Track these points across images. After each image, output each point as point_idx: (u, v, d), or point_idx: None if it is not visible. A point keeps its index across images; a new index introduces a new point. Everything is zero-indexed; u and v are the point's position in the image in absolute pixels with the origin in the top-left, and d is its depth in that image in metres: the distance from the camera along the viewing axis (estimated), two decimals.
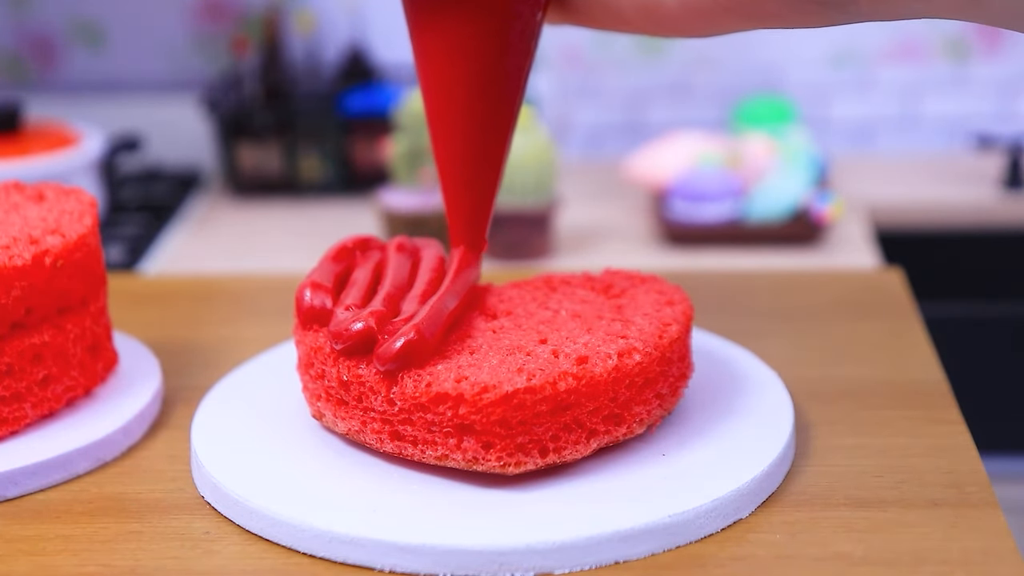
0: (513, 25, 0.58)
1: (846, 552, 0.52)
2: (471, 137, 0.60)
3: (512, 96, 0.60)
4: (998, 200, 1.76)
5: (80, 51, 1.98)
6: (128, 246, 1.63)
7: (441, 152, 0.60)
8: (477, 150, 0.60)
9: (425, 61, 0.60)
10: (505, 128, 0.60)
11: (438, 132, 0.60)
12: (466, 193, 0.61)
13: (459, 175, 0.61)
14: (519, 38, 0.58)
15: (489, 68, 0.58)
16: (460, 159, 0.60)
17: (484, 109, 0.59)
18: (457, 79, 0.59)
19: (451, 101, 0.59)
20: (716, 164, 1.65)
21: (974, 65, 1.94)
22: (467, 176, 0.60)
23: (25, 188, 0.68)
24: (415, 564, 0.51)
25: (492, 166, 0.61)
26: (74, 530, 0.55)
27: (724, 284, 0.82)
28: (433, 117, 0.60)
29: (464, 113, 0.59)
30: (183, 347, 0.73)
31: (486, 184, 0.61)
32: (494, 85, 0.59)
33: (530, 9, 0.58)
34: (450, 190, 0.61)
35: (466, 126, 0.59)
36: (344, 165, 1.80)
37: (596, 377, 0.55)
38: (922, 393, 0.65)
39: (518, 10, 0.58)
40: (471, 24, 0.58)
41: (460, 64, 0.58)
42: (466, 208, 0.61)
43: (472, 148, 0.60)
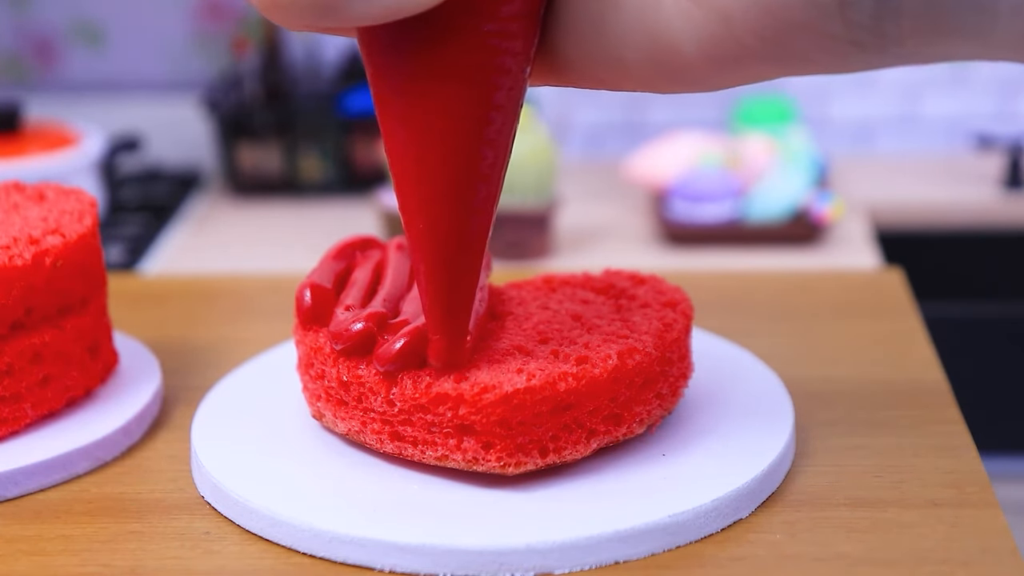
0: (501, 83, 0.48)
1: (846, 552, 0.52)
2: (454, 219, 0.50)
3: (499, 164, 0.50)
4: (998, 200, 1.76)
5: (80, 51, 1.98)
6: (128, 246, 1.63)
7: (419, 234, 0.51)
8: (460, 231, 0.51)
9: (398, 133, 0.49)
10: (490, 202, 0.51)
11: (415, 209, 0.51)
12: (448, 278, 0.52)
13: (441, 258, 0.51)
14: (507, 96, 0.49)
15: (475, 134, 0.49)
16: (442, 240, 0.51)
17: (469, 183, 0.50)
18: (438, 150, 0.49)
19: (431, 177, 0.49)
20: (716, 164, 1.65)
21: (974, 65, 1.94)
22: (449, 259, 0.51)
23: (25, 188, 0.68)
24: (415, 564, 0.51)
25: (476, 244, 0.52)
26: (74, 530, 0.55)
27: (724, 284, 0.82)
28: (407, 193, 0.50)
29: (446, 191, 0.50)
30: (183, 347, 0.73)
31: (470, 265, 0.52)
32: (480, 153, 0.49)
33: (518, 64, 0.49)
34: (429, 276, 0.52)
35: (449, 206, 0.50)
36: (344, 165, 1.81)
37: (596, 377, 0.55)
38: (922, 393, 0.65)
39: (506, 65, 0.48)
40: (454, 81, 0.48)
41: (441, 132, 0.48)
42: (446, 295, 0.52)
43: (455, 230, 0.50)
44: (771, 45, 0.43)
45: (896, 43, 0.42)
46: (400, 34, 0.47)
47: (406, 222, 0.51)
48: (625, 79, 0.47)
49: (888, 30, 0.41)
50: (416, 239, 0.51)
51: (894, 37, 0.42)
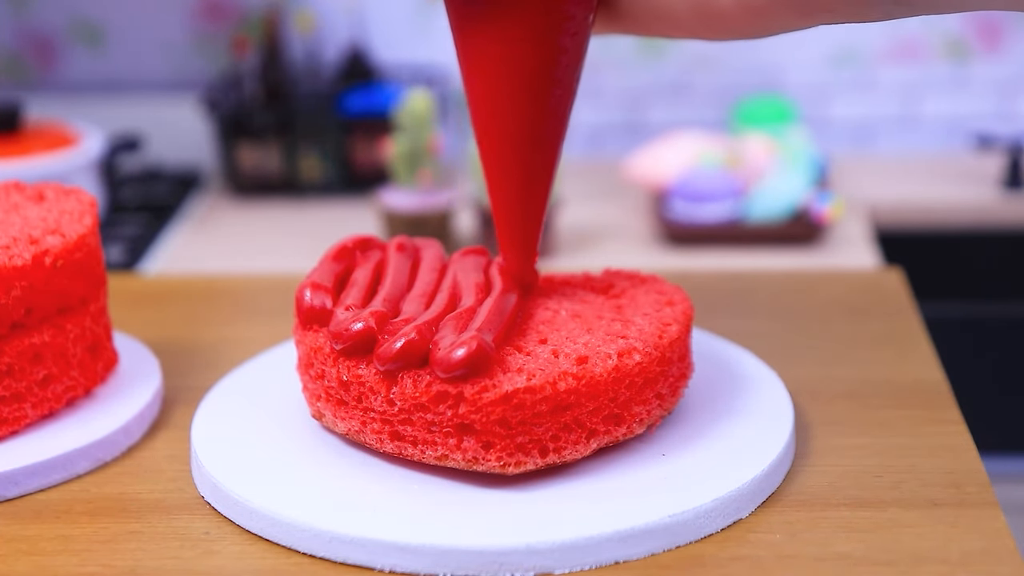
0: (566, 27, 0.55)
1: (846, 552, 0.52)
2: (524, 147, 0.57)
3: (565, 102, 0.57)
4: (998, 200, 1.76)
5: (80, 51, 1.98)
6: (128, 246, 1.63)
7: (491, 165, 0.58)
8: (529, 160, 0.58)
9: (474, 71, 0.56)
10: (558, 136, 0.58)
11: (489, 144, 0.58)
12: (518, 206, 0.59)
13: (511, 186, 0.58)
14: (572, 40, 0.55)
15: (542, 73, 0.56)
16: (512, 170, 0.58)
17: (537, 118, 0.57)
18: (509, 85, 0.56)
19: (503, 110, 0.57)
20: (716, 164, 1.65)
21: (974, 65, 1.94)
22: (520, 187, 0.58)
23: (25, 188, 0.68)
24: (415, 564, 0.51)
25: (544, 175, 0.58)
26: (74, 530, 0.55)
27: (724, 284, 0.82)
28: (482, 129, 0.58)
29: (517, 123, 0.57)
30: (183, 347, 0.73)
31: (538, 194, 0.59)
32: (547, 92, 0.56)
33: (582, 11, 0.55)
34: (501, 203, 0.59)
35: (519, 136, 0.57)
36: (344, 165, 1.80)
37: (596, 377, 0.55)
38: (922, 393, 0.65)
39: (570, 11, 0.55)
40: (523, 26, 0.55)
41: (512, 70, 0.55)
42: (518, 221, 0.59)
43: (525, 158, 0.57)
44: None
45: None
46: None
47: (484, 157, 0.58)
48: (673, 27, 0.55)
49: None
50: (491, 167, 0.58)
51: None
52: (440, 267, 0.64)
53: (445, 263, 0.64)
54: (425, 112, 1.55)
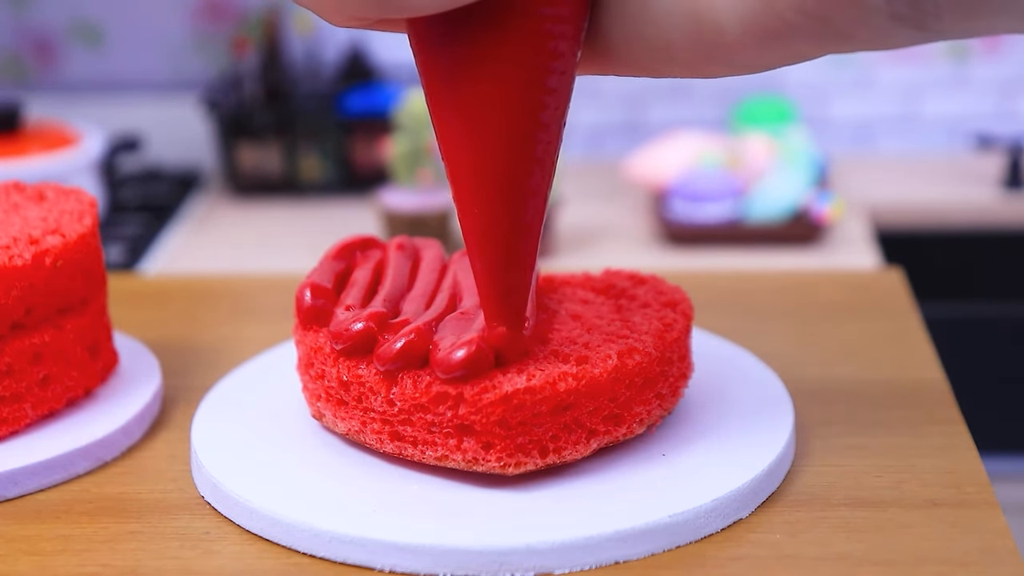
0: (554, 65, 0.49)
1: (846, 552, 0.52)
2: (509, 202, 0.51)
3: (553, 148, 0.51)
4: (998, 200, 1.76)
5: (80, 51, 1.98)
6: (128, 246, 1.63)
7: (472, 222, 0.52)
8: (516, 215, 0.51)
9: (453, 117, 0.50)
10: (545, 185, 0.51)
11: (469, 200, 0.51)
12: (503, 267, 0.52)
13: (496, 245, 0.52)
14: (559, 80, 0.49)
15: (530, 117, 0.49)
16: (497, 227, 0.51)
17: (524, 168, 0.50)
18: (492, 134, 0.49)
19: (485, 162, 0.50)
20: (716, 164, 1.65)
21: (974, 65, 1.94)
22: (505, 246, 0.52)
23: (25, 188, 0.68)
24: (415, 564, 0.51)
25: (532, 230, 0.52)
26: (74, 530, 0.55)
27: (724, 284, 0.82)
28: (461, 184, 0.51)
29: (501, 175, 0.50)
30: (183, 347, 0.73)
31: (525, 252, 0.52)
32: (534, 137, 0.50)
33: (570, 48, 0.49)
34: (485, 264, 0.52)
35: (504, 190, 0.50)
36: (344, 165, 1.81)
37: (596, 377, 0.55)
38: (922, 393, 0.65)
39: (559, 48, 0.48)
40: (508, 66, 0.48)
41: (495, 116, 0.49)
42: (503, 284, 0.53)
43: (511, 214, 0.51)
44: (813, 20, 0.44)
45: (935, 18, 0.42)
46: (453, 23, 0.48)
47: (461, 211, 0.52)
48: (671, 63, 0.48)
49: (926, 5, 0.42)
50: (471, 227, 0.52)
51: (932, 12, 0.42)
52: (440, 267, 0.64)
53: (445, 263, 0.64)
54: (425, 112, 1.55)
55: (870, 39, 0.44)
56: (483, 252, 0.52)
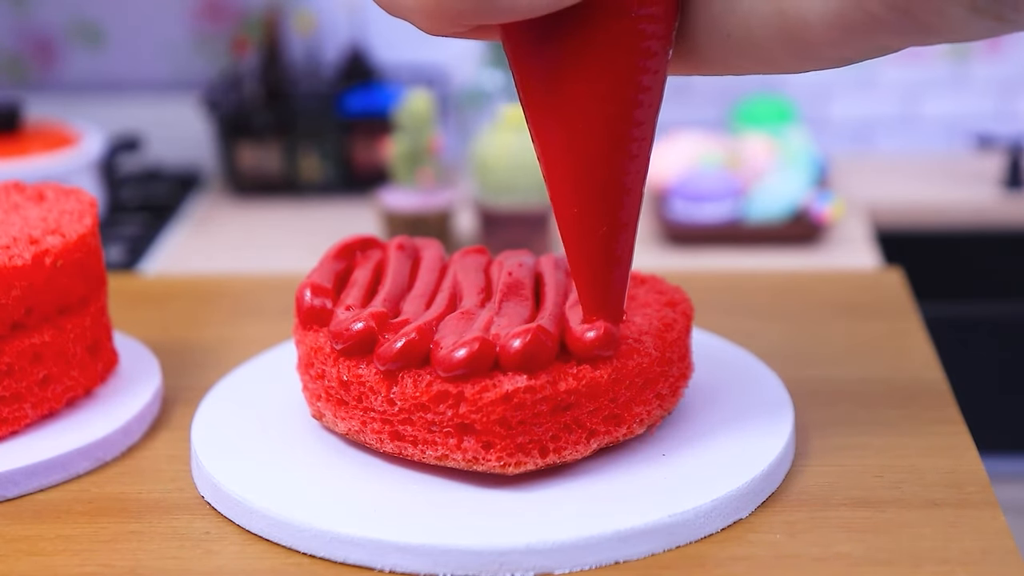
0: (648, 65, 0.50)
1: (846, 552, 0.52)
2: (607, 197, 0.52)
3: (647, 144, 0.52)
4: (998, 200, 1.76)
5: (80, 51, 1.98)
6: (128, 246, 1.63)
7: (571, 218, 0.53)
8: (613, 210, 0.52)
9: (549, 117, 0.51)
10: (640, 181, 0.52)
11: (566, 197, 0.52)
12: (602, 262, 0.53)
13: (594, 241, 0.53)
14: (652, 79, 0.51)
15: (623, 114, 0.51)
16: (595, 223, 0.52)
17: (620, 163, 0.51)
18: (588, 132, 0.51)
19: (582, 159, 0.51)
20: (716, 164, 1.65)
21: (974, 65, 1.94)
22: (604, 242, 0.53)
23: (25, 188, 0.68)
24: (415, 564, 0.51)
25: (629, 225, 0.53)
26: (74, 530, 0.55)
27: (724, 284, 0.82)
28: (559, 182, 0.52)
29: (598, 170, 0.51)
30: (183, 347, 0.73)
31: (623, 247, 0.53)
32: (629, 134, 0.51)
33: (662, 47, 0.50)
34: (583, 260, 0.53)
35: (601, 185, 0.51)
36: (344, 165, 1.81)
37: (596, 377, 0.55)
38: (922, 393, 0.65)
39: (652, 48, 0.50)
40: (603, 66, 0.50)
41: (591, 114, 0.50)
42: (602, 278, 0.54)
43: (608, 209, 0.52)
44: (896, 14, 0.45)
45: (1013, 8, 0.43)
46: (548, 26, 0.50)
47: (558, 211, 0.53)
48: (755, 60, 0.49)
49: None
50: (570, 226, 0.53)
51: (1011, 3, 0.43)
52: (440, 267, 0.64)
53: (445, 263, 0.64)
54: (425, 112, 1.55)
55: (950, 31, 0.45)
56: (582, 250, 0.53)
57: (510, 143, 1.53)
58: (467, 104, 1.82)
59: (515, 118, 1.54)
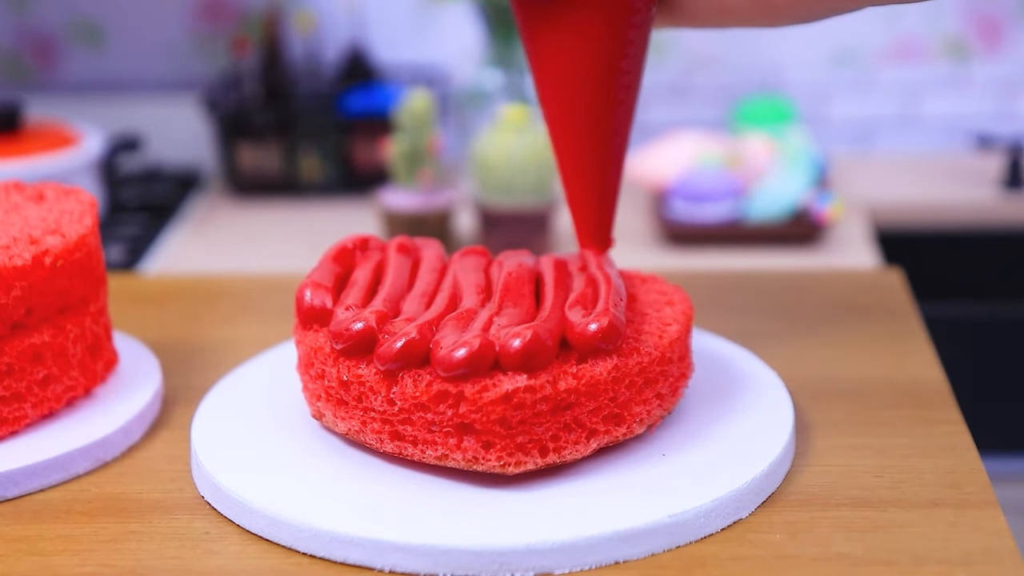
0: (632, 20, 0.59)
1: (846, 552, 0.52)
2: (596, 136, 0.61)
3: (632, 91, 0.61)
4: (998, 200, 1.76)
5: (80, 51, 1.98)
6: (128, 246, 1.63)
7: (565, 156, 0.62)
8: (602, 148, 0.62)
9: (545, 63, 0.61)
10: (626, 124, 0.62)
11: (562, 136, 0.62)
12: (593, 194, 0.63)
13: (585, 176, 0.63)
14: (637, 32, 0.60)
15: (611, 64, 0.60)
16: (586, 159, 0.62)
17: (607, 106, 0.61)
18: (580, 78, 0.60)
19: (575, 102, 0.61)
20: (716, 164, 1.65)
21: (974, 65, 1.94)
22: (593, 176, 0.63)
23: (25, 188, 0.68)
24: (415, 564, 0.51)
25: (616, 163, 0.63)
26: (74, 530, 0.55)
27: (724, 284, 0.82)
28: (556, 123, 0.62)
29: (589, 112, 0.61)
30: (183, 347, 0.73)
31: (611, 182, 0.63)
32: (616, 82, 0.60)
33: (646, 3, 0.60)
34: (576, 193, 0.63)
35: (591, 126, 0.61)
36: (344, 165, 1.81)
37: (596, 377, 0.55)
38: (922, 393, 0.65)
39: (636, 4, 0.59)
40: (592, 20, 0.59)
41: (583, 63, 0.60)
42: (593, 209, 0.63)
43: (597, 147, 0.62)
44: None
45: None
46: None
47: (558, 151, 0.63)
48: (729, 16, 0.58)
49: None
50: (567, 164, 0.63)
51: None
52: (440, 267, 0.64)
53: (445, 263, 0.64)
54: (425, 112, 1.55)
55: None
56: (577, 185, 0.63)
57: (510, 143, 1.53)
58: (467, 104, 1.82)
59: (515, 118, 1.54)
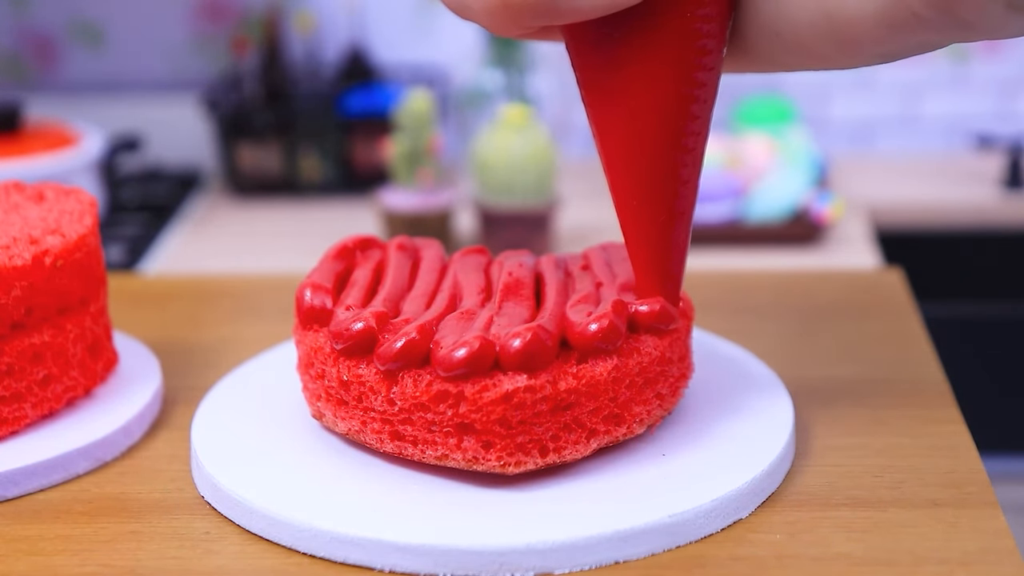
0: (703, 61, 0.53)
1: (846, 552, 0.52)
2: (664, 189, 0.55)
3: (702, 139, 0.55)
4: (998, 200, 1.76)
5: (80, 51, 1.98)
6: (128, 246, 1.63)
7: (629, 211, 0.56)
8: (670, 202, 0.55)
9: (606, 112, 0.54)
10: (695, 174, 0.56)
11: (625, 189, 0.56)
12: (659, 252, 0.57)
13: (651, 233, 0.56)
14: (708, 75, 0.54)
15: (680, 109, 0.54)
16: (652, 214, 0.56)
17: (676, 156, 0.54)
18: (646, 126, 0.54)
19: (640, 152, 0.54)
20: (716, 164, 1.65)
21: (974, 65, 1.94)
22: (661, 233, 0.56)
23: (25, 188, 0.68)
24: (415, 564, 0.51)
25: (685, 216, 0.56)
26: (74, 530, 0.55)
27: (724, 284, 0.82)
28: (618, 175, 0.56)
29: (655, 163, 0.54)
30: (183, 347, 0.73)
31: (680, 238, 0.57)
32: (685, 128, 0.54)
33: (717, 44, 0.54)
34: (641, 251, 0.57)
35: (658, 177, 0.55)
36: (344, 165, 1.81)
37: (596, 377, 0.55)
38: (922, 393, 0.65)
39: (707, 46, 0.53)
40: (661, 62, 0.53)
41: (649, 109, 0.54)
42: (659, 268, 0.57)
43: (665, 201, 0.55)
44: (937, 11, 0.48)
45: None
46: (609, 25, 0.53)
47: (618, 201, 0.57)
48: (804, 57, 0.53)
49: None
50: (630, 218, 0.56)
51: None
52: (440, 267, 0.64)
53: (445, 263, 0.64)
54: (425, 112, 1.55)
55: (989, 28, 0.48)
56: (641, 238, 0.56)
57: (510, 143, 1.53)
58: (467, 104, 1.82)
59: (515, 118, 1.54)
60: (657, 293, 0.57)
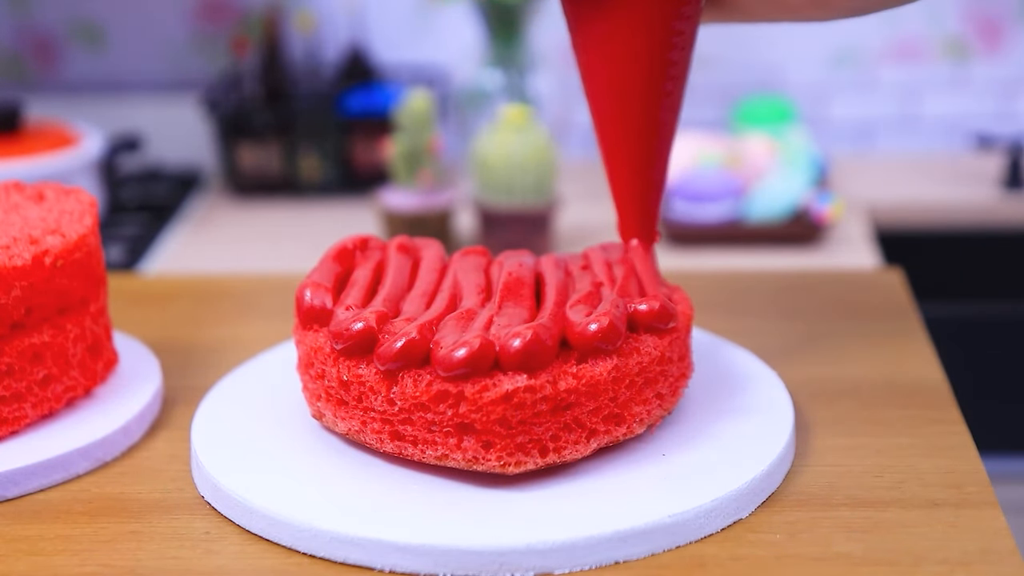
0: (681, 11, 0.59)
1: (846, 552, 0.52)
2: (643, 128, 0.61)
3: (680, 83, 0.61)
4: (998, 200, 1.76)
5: (80, 51, 1.98)
6: (128, 246, 1.63)
7: (611, 148, 0.62)
8: (649, 140, 0.61)
9: (592, 55, 0.60)
10: (674, 116, 0.61)
11: (609, 128, 0.62)
12: (639, 187, 0.63)
13: (631, 168, 0.62)
14: (686, 23, 0.59)
15: (660, 55, 0.60)
16: (632, 152, 0.62)
17: (655, 98, 0.60)
18: (628, 69, 0.60)
19: (622, 93, 0.60)
20: (716, 164, 1.65)
21: (974, 65, 1.94)
22: (640, 169, 0.62)
23: (25, 188, 0.68)
24: (415, 564, 0.51)
25: (663, 155, 0.62)
26: (74, 530, 0.55)
27: (724, 284, 0.82)
28: (602, 114, 0.62)
29: (636, 104, 0.60)
30: (183, 347, 0.73)
31: (657, 174, 0.63)
32: (663, 73, 0.60)
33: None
34: (622, 186, 0.63)
35: (638, 117, 0.61)
36: (344, 165, 1.81)
37: (596, 377, 0.55)
38: (922, 393, 0.65)
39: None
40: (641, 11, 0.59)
41: (631, 54, 0.59)
42: (639, 202, 0.64)
43: (644, 139, 0.61)
44: None
45: None
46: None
47: (603, 143, 0.63)
48: (777, 8, 0.57)
49: None
50: (614, 158, 0.63)
51: None
52: (440, 267, 0.64)
53: (445, 263, 0.64)
54: (425, 112, 1.55)
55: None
56: (622, 177, 0.63)
57: (510, 143, 1.53)
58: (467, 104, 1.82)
59: (515, 118, 1.54)
60: (636, 229, 0.64)
